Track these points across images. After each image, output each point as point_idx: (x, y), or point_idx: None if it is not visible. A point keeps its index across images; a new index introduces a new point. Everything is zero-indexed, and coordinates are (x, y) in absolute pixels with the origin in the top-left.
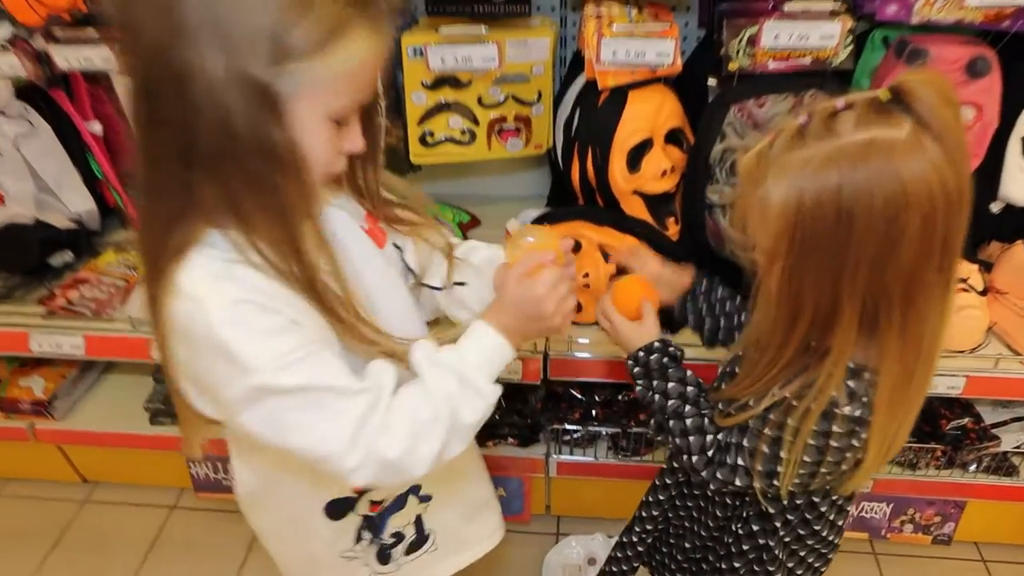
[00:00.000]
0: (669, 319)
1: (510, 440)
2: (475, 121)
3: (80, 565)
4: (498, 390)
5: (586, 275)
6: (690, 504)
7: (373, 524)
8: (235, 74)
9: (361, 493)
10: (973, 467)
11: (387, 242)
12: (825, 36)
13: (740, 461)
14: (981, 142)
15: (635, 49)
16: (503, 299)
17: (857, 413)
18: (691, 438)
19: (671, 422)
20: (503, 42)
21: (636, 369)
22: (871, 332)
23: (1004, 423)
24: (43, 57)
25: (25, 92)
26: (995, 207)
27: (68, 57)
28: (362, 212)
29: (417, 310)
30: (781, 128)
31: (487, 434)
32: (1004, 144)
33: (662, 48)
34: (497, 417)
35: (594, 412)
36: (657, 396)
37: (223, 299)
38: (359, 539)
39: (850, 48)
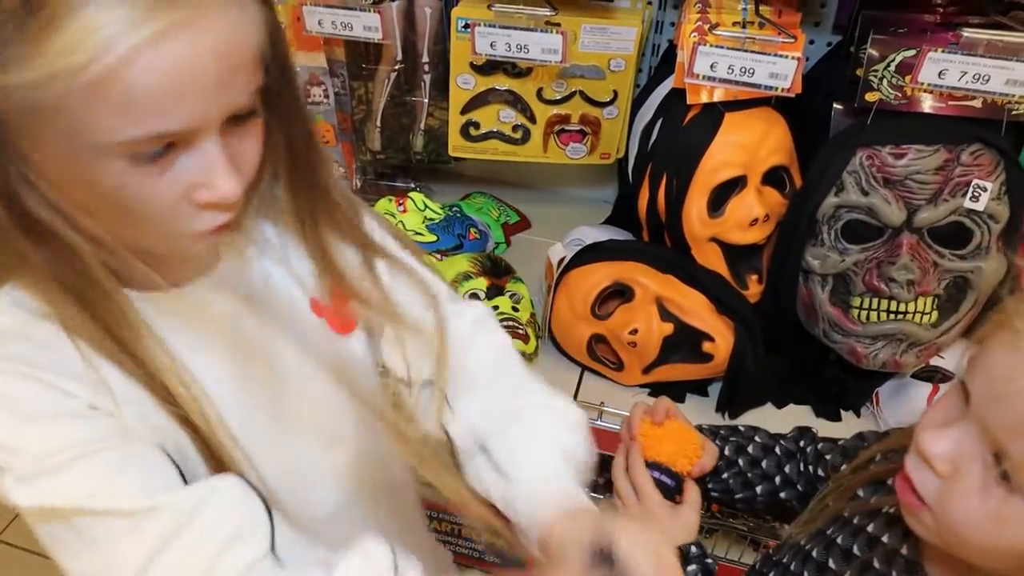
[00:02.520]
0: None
1: None
2: (531, 117)
3: None
4: None
5: (634, 331)
6: None
7: None
8: None
9: None
10: None
11: (358, 326)
12: (1015, 81)
13: None
14: None
15: (741, 65)
16: None
17: None
18: None
19: None
20: (576, 27)
21: None
22: None
23: None
24: None
25: None
26: None
27: None
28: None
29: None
30: None
31: None
32: None
33: (778, 68)
34: None
35: None
36: None
37: None
38: None
39: None
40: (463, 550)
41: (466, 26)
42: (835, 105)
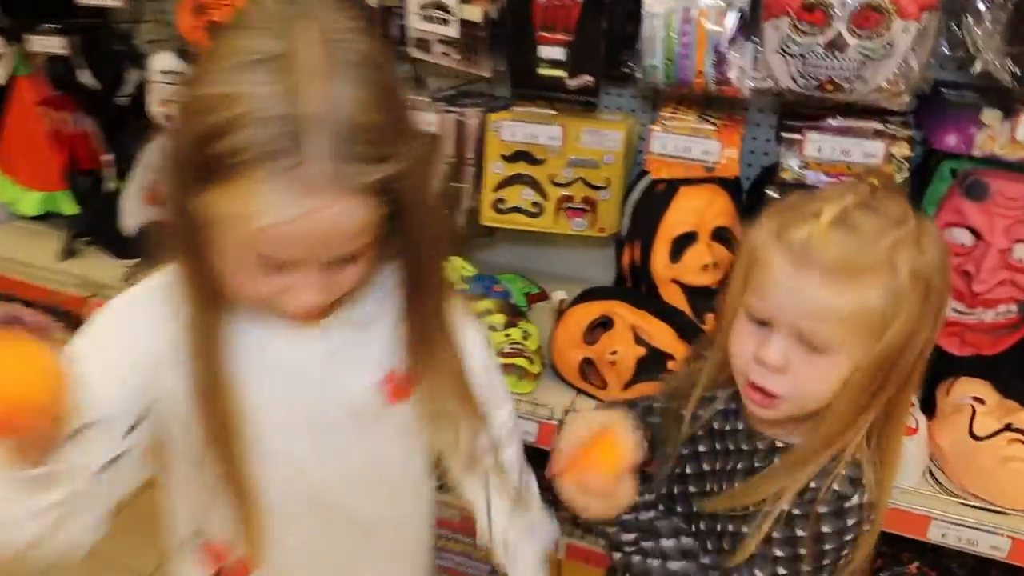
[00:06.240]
0: None
1: None
2: (544, 196)
3: None
4: None
5: (614, 352)
6: None
7: None
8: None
9: None
10: None
11: (408, 401)
12: (868, 154)
13: None
14: None
15: (682, 144)
16: None
17: (865, 499)
18: None
19: None
20: (577, 128)
21: (626, 536)
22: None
23: None
24: None
25: None
26: None
27: None
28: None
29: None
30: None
31: None
32: None
33: (707, 147)
34: None
35: None
36: (655, 562)
37: (111, 313)
38: None
39: (905, 174)
40: (472, 572)
41: (497, 126)
42: (767, 188)
